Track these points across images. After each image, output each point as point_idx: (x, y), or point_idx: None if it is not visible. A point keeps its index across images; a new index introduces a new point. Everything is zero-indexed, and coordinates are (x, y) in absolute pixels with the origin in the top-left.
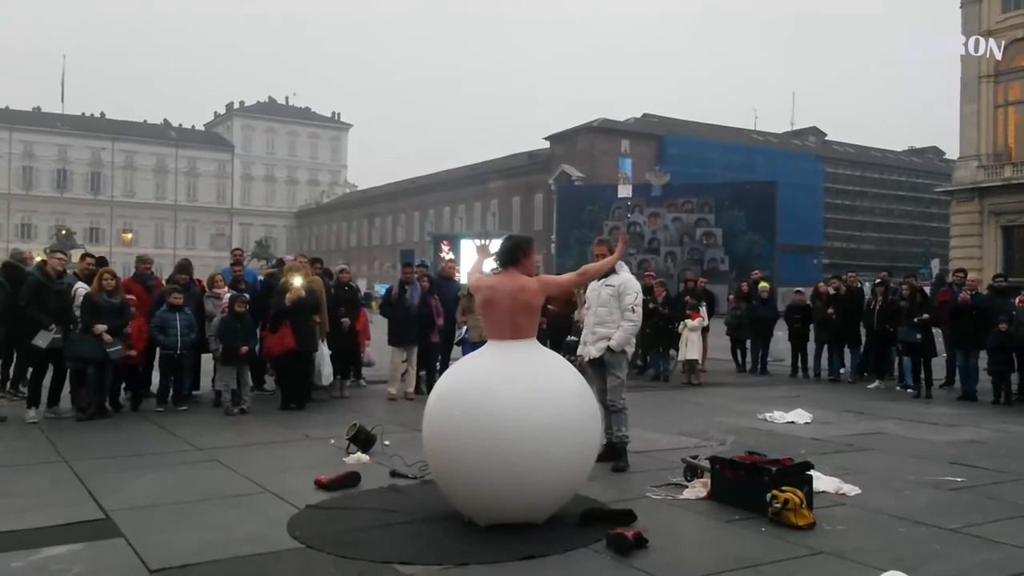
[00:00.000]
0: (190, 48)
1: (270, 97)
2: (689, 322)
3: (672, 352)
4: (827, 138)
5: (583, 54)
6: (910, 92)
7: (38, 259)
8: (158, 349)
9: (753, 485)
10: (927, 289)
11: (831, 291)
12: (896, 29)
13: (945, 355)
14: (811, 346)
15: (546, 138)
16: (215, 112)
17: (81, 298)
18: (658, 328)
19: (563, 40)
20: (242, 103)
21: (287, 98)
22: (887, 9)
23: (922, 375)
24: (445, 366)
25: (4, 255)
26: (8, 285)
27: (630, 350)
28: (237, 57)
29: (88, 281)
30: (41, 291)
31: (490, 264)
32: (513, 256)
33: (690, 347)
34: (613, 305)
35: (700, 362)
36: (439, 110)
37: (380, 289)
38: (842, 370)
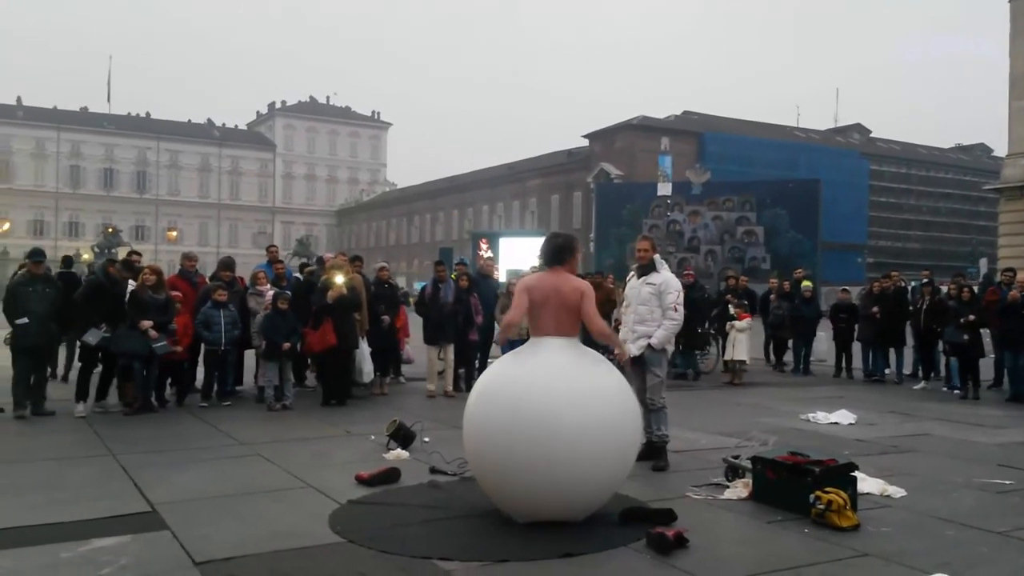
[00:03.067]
0: (233, 49)
1: (311, 97)
2: (737, 322)
3: (701, 352)
4: (872, 135)
5: (622, 51)
6: (957, 88)
7: (85, 256)
8: (202, 345)
9: (796, 486)
10: (975, 288)
11: (874, 289)
12: (943, 24)
13: (993, 356)
14: (856, 346)
15: (585, 136)
16: (257, 112)
17: (128, 294)
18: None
19: (602, 37)
20: (284, 103)
21: (328, 98)
22: (934, 3)
23: (969, 376)
24: (484, 364)
25: (53, 252)
26: (60, 282)
27: (670, 349)
28: (279, 58)
29: (135, 278)
30: (99, 293)
31: (531, 263)
32: (562, 256)
33: (737, 347)
34: (653, 303)
35: (746, 362)
36: (477, 109)
37: (418, 287)
38: (887, 371)
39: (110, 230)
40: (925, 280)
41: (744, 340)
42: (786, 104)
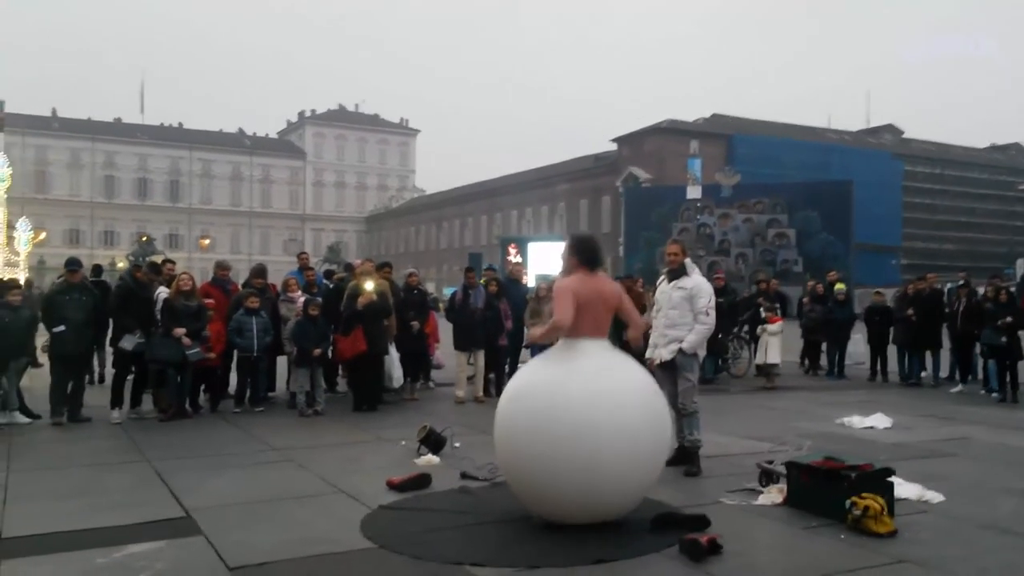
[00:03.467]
0: (262, 59)
1: (340, 105)
2: (769, 326)
3: (724, 358)
4: (904, 135)
5: (651, 55)
6: (990, 86)
7: (120, 264)
8: (235, 352)
9: (831, 491)
10: (1012, 290)
11: (909, 292)
12: (974, 22)
13: None
14: (891, 349)
15: (613, 140)
16: (287, 120)
17: (161, 302)
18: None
19: (631, 40)
20: (313, 111)
21: (356, 105)
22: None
23: (1008, 379)
24: (514, 369)
25: (88, 261)
26: (96, 290)
27: (702, 353)
28: (308, 67)
29: (168, 285)
30: (130, 297)
31: (558, 268)
32: (601, 258)
33: (770, 351)
34: (684, 308)
35: (778, 365)
36: (505, 114)
37: (447, 292)
38: (923, 374)
39: (144, 239)
40: (961, 282)
41: (776, 343)
42: (817, 106)
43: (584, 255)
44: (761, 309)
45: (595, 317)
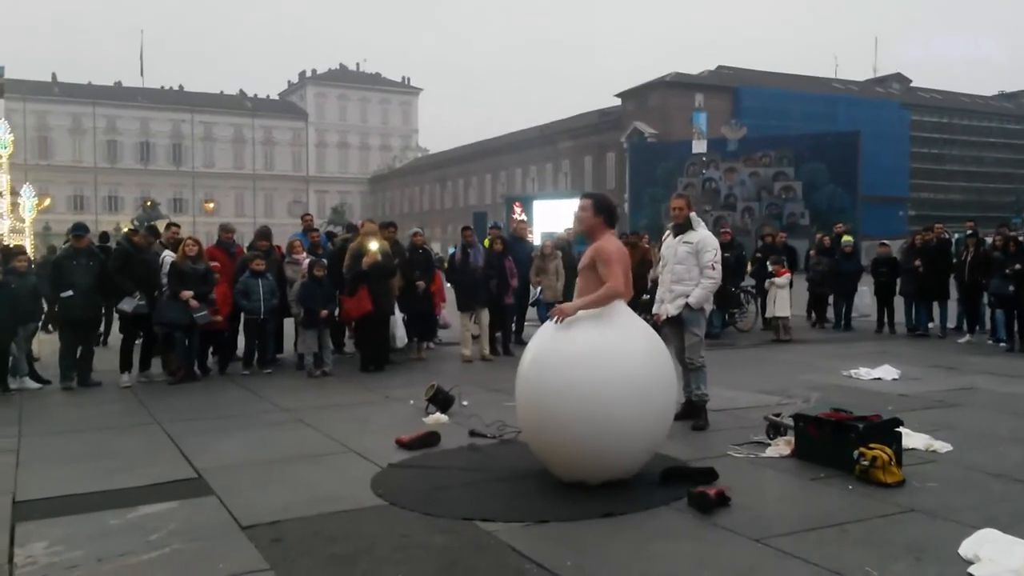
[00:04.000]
0: (262, 18)
1: (341, 64)
2: (776, 279)
3: (735, 311)
4: (912, 84)
5: (655, 6)
6: (998, 32)
7: (125, 229)
8: (242, 314)
9: (839, 443)
10: (1021, 239)
11: (916, 242)
12: None
13: None
14: (898, 301)
15: (617, 95)
16: (288, 81)
17: (168, 266)
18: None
19: None
20: (314, 71)
21: (357, 64)
22: None
23: (1016, 328)
24: (520, 326)
25: (94, 227)
26: (103, 255)
27: (708, 308)
28: (308, 26)
29: (174, 249)
30: (128, 260)
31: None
32: (615, 218)
33: (779, 304)
34: (691, 262)
35: (788, 318)
36: (507, 70)
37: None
38: (931, 325)
39: (148, 203)
40: (969, 232)
41: (785, 296)
42: (824, 55)
43: (610, 214)
44: (768, 262)
45: (626, 277)
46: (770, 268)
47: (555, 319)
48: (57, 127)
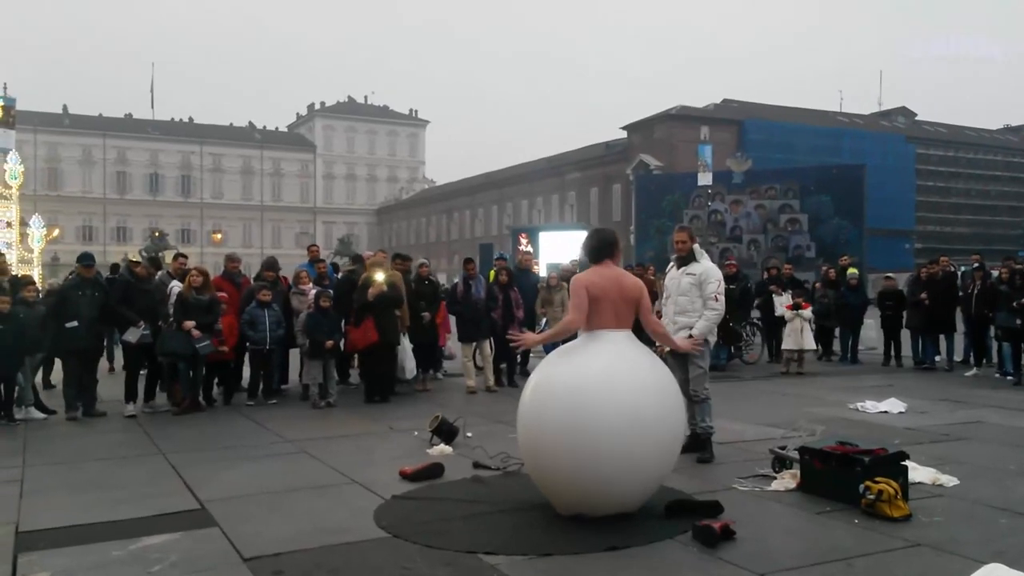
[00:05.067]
0: (272, 52)
1: (349, 96)
2: (802, 311)
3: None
4: (917, 118)
5: (660, 40)
6: (1004, 67)
7: (132, 257)
8: (248, 344)
9: (845, 476)
10: None
11: (922, 275)
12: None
13: None
14: (905, 334)
15: (623, 128)
16: (297, 113)
17: (175, 296)
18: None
19: (642, 24)
20: (323, 103)
21: (366, 97)
22: None
23: (1023, 361)
24: (526, 358)
25: (102, 257)
26: (108, 286)
27: (712, 340)
28: (317, 59)
29: (182, 280)
30: (128, 290)
31: (571, 256)
32: (613, 250)
33: (800, 335)
34: (694, 294)
35: (805, 351)
36: (515, 102)
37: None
38: (937, 358)
39: (157, 234)
40: (975, 265)
41: (807, 329)
42: (829, 89)
43: (591, 249)
44: (788, 295)
45: (614, 308)
46: (793, 301)
47: (516, 346)
48: (67, 158)
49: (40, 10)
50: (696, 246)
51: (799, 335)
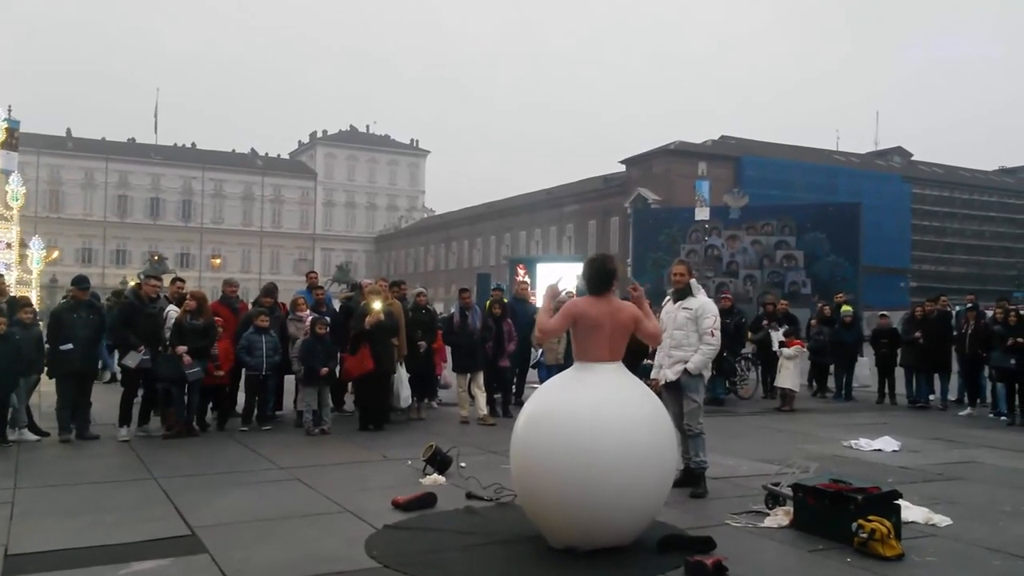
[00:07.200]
0: (275, 81)
1: (351, 125)
2: (785, 350)
3: (730, 379)
4: (913, 158)
5: (659, 76)
6: (998, 109)
7: (132, 283)
8: (243, 370)
9: (838, 514)
10: (1021, 312)
11: (917, 314)
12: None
13: None
14: (899, 372)
15: (622, 162)
16: (299, 141)
17: (171, 320)
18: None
19: (642, 63)
20: (324, 132)
21: (367, 126)
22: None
23: (1017, 402)
24: (520, 388)
25: (100, 280)
26: (104, 309)
27: (707, 374)
28: (320, 89)
29: (179, 304)
30: (133, 313)
31: (567, 285)
32: (612, 281)
33: (783, 374)
34: (690, 328)
35: (796, 389)
36: (514, 135)
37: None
38: (932, 397)
39: (156, 258)
40: (970, 304)
41: (792, 367)
42: (825, 128)
43: (590, 279)
44: (781, 332)
45: (609, 340)
46: (783, 339)
47: None
48: (69, 181)
49: (47, 36)
50: (693, 280)
51: (779, 373)
